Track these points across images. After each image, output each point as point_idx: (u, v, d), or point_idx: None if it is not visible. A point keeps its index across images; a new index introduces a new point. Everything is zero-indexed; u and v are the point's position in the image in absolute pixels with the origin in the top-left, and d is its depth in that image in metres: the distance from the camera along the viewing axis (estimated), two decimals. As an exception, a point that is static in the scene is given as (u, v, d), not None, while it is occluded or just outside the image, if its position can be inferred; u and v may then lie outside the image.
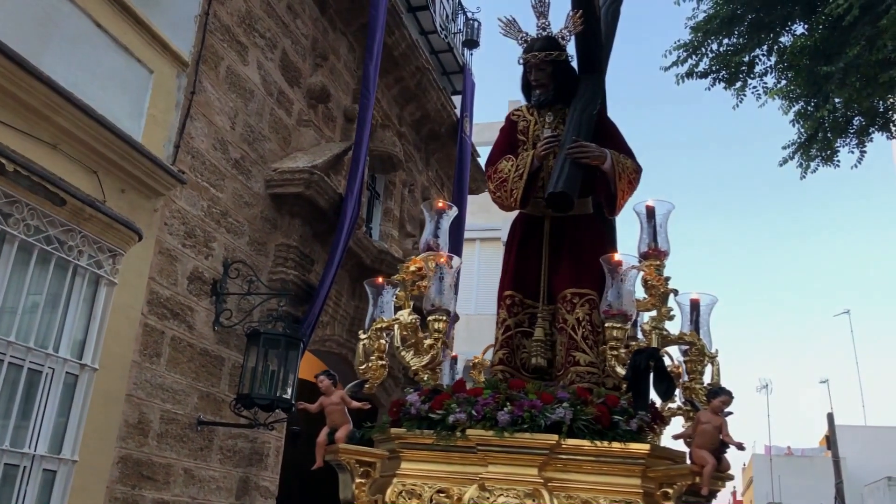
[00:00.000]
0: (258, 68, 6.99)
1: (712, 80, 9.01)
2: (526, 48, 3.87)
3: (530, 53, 3.83)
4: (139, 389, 5.44)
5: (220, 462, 6.28)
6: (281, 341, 6.06)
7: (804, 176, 9.00)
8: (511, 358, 3.59)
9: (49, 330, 4.67)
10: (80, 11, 5.00)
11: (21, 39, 4.45)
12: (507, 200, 3.75)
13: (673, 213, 3.22)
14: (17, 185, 4.33)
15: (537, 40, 3.86)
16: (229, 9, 6.57)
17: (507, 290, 3.74)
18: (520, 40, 3.91)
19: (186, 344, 5.95)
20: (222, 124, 6.45)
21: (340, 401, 3.19)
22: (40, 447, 4.52)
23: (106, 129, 4.96)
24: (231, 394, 6.29)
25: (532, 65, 3.84)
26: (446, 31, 10.53)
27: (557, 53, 3.82)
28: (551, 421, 2.80)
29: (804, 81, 8.49)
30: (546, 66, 3.81)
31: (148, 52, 5.58)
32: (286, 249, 7.02)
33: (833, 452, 19.06)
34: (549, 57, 3.80)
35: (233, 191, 6.55)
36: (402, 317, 3.33)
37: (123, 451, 5.28)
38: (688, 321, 3.20)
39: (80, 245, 4.80)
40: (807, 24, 8.42)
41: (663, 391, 2.87)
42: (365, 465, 3.12)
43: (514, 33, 3.92)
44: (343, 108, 8.37)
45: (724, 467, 2.69)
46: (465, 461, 2.95)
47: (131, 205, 5.29)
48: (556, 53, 3.81)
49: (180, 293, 5.90)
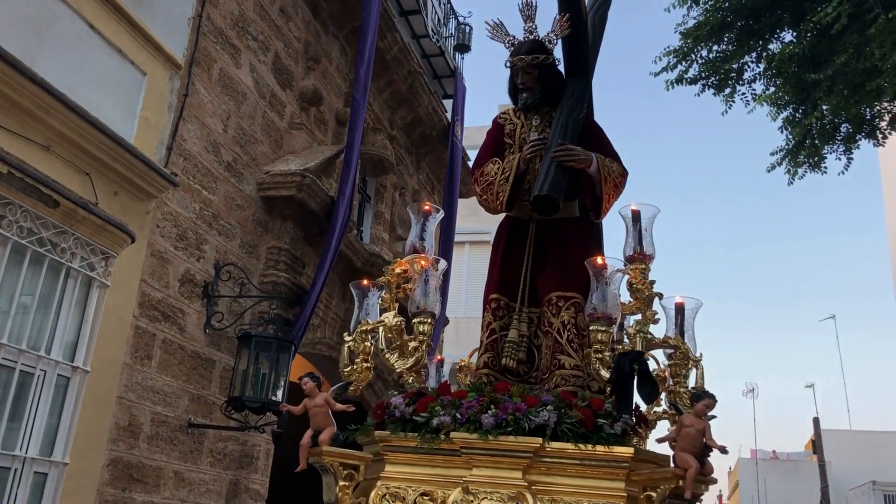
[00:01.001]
0: (251, 71, 7.01)
1: (702, 86, 9.08)
2: (513, 51, 3.88)
3: (517, 57, 3.84)
4: (130, 392, 5.46)
5: (211, 465, 6.30)
6: (272, 344, 6.09)
7: (791, 182, 9.07)
8: (496, 361, 3.58)
9: (41, 332, 4.68)
10: (73, 13, 5.02)
11: (15, 41, 4.47)
12: (493, 203, 3.75)
13: (660, 216, 3.25)
14: (11, 187, 4.35)
15: (524, 44, 3.86)
16: (222, 11, 6.60)
17: (493, 293, 3.73)
18: (507, 44, 3.91)
19: (178, 346, 5.97)
20: (215, 127, 6.47)
21: (324, 403, 3.18)
22: (31, 450, 4.54)
23: (99, 130, 4.98)
24: (222, 396, 6.31)
25: (519, 68, 3.84)
26: (438, 35, 10.58)
27: (544, 57, 3.83)
28: (535, 424, 2.80)
29: (792, 88, 8.57)
30: (533, 70, 3.82)
31: (141, 55, 5.61)
32: (277, 252, 7.05)
33: (819, 456, 19.19)
34: (536, 60, 3.80)
35: (225, 193, 6.58)
36: (386, 319, 3.32)
37: (114, 453, 5.30)
38: (673, 325, 3.19)
39: (73, 247, 4.82)
40: (795, 32, 8.51)
41: (647, 394, 2.89)
42: (349, 468, 3.12)
43: (501, 37, 3.92)
44: (335, 111, 8.41)
45: (708, 471, 2.70)
46: (450, 464, 2.95)
47: (124, 207, 5.31)
48: (543, 57, 3.82)
49: (172, 295, 5.92)
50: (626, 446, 2.79)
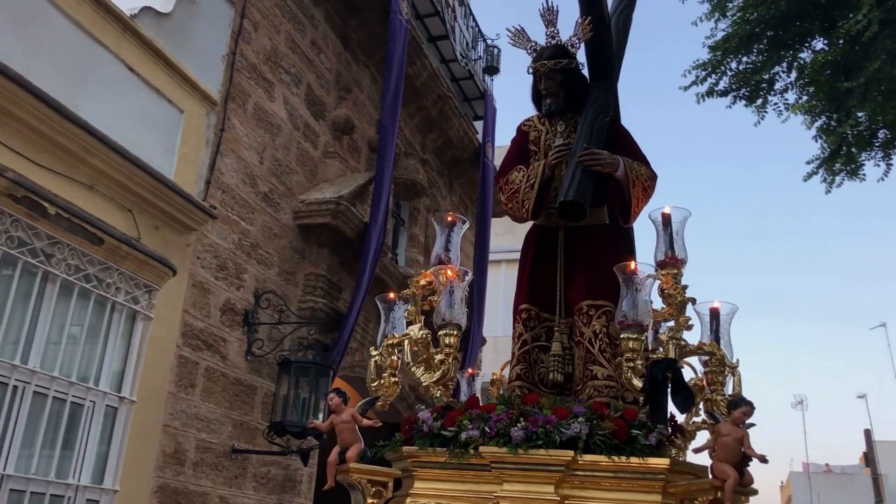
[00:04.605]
0: (284, 103, 7.19)
1: (732, 98, 9.05)
2: (535, 57, 3.81)
3: (539, 62, 3.77)
4: (175, 419, 5.58)
5: (255, 489, 6.39)
6: (311, 369, 6.19)
7: (829, 191, 8.95)
8: (529, 373, 3.51)
9: (90, 364, 4.84)
10: (113, 57, 5.22)
11: (59, 86, 4.67)
12: (518, 211, 3.68)
13: (694, 224, 3.13)
14: (58, 227, 4.52)
15: (546, 49, 3.78)
16: (255, 47, 6.79)
17: (523, 303, 3.65)
18: (529, 50, 3.84)
19: (220, 374, 6.09)
20: (251, 159, 6.64)
21: (351, 419, 3.12)
22: (84, 478, 4.67)
23: (140, 168, 5.16)
24: (264, 422, 6.41)
25: (541, 74, 3.77)
26: (466, 58, 10.70)
27: (567, 61, 3.74)
28: (566, 436, 2.71)
29: (825, 97, 8.49)
30: (555, 75, 3.75)
31: (178, 93, 5.80)
32: (314, 278, 7.16)
33: (872, 469, 18.65)
34: (559, 65, 3.73)
35: (262, 223, 6.73)
36: (412, 332, 3.24)
37: (161, 479, 5.41)
38: (708, 331, 3.09)
39: (118, 282, 4.98)
40: (826, 40, 8.44)
41: (682, 403, 2.81)
42: (377, 485, 3.06)
43: (523, 43, 3.84)
44: (367, 138, 8.55)
45: (747, 481, 2.59)
46: (480, 479, 2.87)
47: (165, 241, 5.47)
48: (566, 61, 3.74)
49: (213, 325, 6.05)
50: (662, 457, 2.69)
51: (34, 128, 4.48)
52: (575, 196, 3.40)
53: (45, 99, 4.46)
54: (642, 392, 2.83)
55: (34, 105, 4.42)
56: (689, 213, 3.15)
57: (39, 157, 4.54)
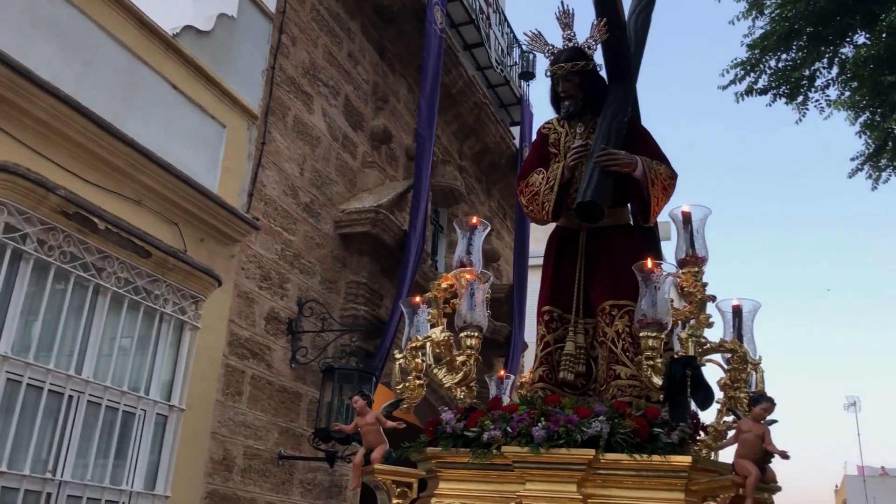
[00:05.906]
0: (323, 115, 7.36)
1: (772, 96, 8.95)
2: (552, 60, 3.83)
3: (556, 65, 3.79)
4: (223, 427, 5.75)
5: (301, 495, 6.54)
6: (354, 376, 6.30)
7: (875, 187, 8.79)
8: (551, 374, 3.54)
9: (140, 374, 5.03)
10: (158, 76, 5.42)
11: (106, 106, 4.88)
12: (539, 213, 3.71)
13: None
14: (108, 241, 4.73)
15: (563, 51, 3.80)
16: (294, 61, 6.98)
17: (545, 305, 3.68)
18: (546, 53, 3.87)
19: (266, 382, 6.26)
20: (292, 171, 6.81)
21: (375, 421, 3.16)
22: (136, 484, 4.86)
23: (185, 183, 5.35)
24: (309, 428, 6.55)
25: (559, 76, 3.80)
26: (502, 65, 10.77)
27: (584, 63, 3.76)
28: (588, 435, 2.74)
29: (869, 91, 8.35)
30: (573, 77, 3.77)
31: (220, 109, 5.99)
32: (356, 286, 7.30)
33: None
34: (576, 67, 3.75)
35: (304, 233, 6.90)
36: (434, 334, 3.28)
37: (210, 486, 5.59)
38: (730, 328, 3.07)
39: (166, 293, 5.18)
40: (868, 34, 8.31)
41: (701, 400, 2.80)
42: (402, 486, 3.08)
43: (540, 47, 3.88)
44: (405, 147, 8.68)
45: (769, 478, 2.58)
46: (503, 479, 2.89)
47: (210, 252, 5.66)
48: (583, 63, 3.76)
49: (258, 333, 6.23)
50: (684, 455, 2.70)
51: (83, 146, 4.68)
52: (592, 197, 3.42)
53: (93, 118, 4.66)
54: (661, 390, 2.83)
55: (83, 124, 4.62)
56: (709, 211, 3.16)
57: (89, 175, 4.75)
